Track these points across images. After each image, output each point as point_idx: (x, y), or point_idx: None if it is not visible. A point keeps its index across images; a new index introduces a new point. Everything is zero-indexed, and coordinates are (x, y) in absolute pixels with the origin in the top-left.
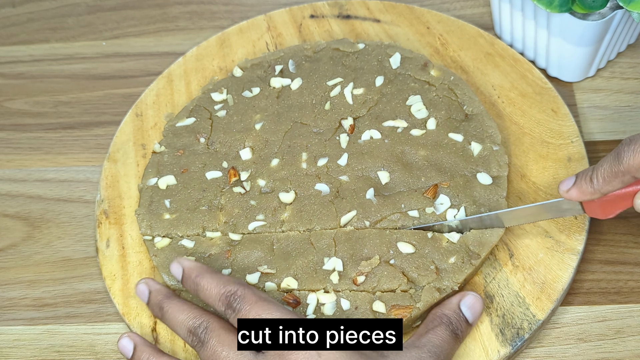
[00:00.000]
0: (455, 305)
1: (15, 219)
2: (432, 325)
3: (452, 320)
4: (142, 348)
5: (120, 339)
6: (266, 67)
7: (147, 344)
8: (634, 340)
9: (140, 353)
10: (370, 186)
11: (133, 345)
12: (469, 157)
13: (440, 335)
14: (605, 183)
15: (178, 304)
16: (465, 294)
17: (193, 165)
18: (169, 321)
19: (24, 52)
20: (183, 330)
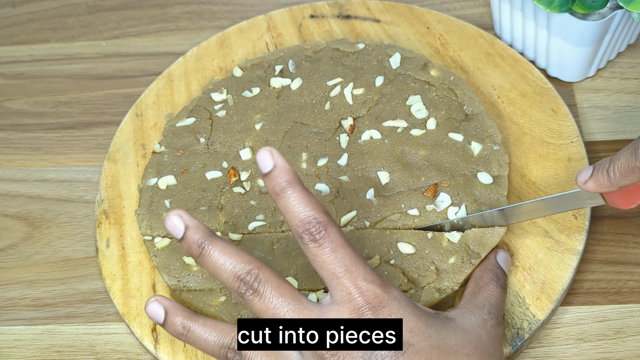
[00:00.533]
0: (495, 261)
1: (15, 219)
2: (483, 282)
3: (498, 275)
4: (175, 312)
5: (147, 304)
6: (266, 67)
7: (178, 306)
8: (634, 340)
9: (173, 317)
10: (370, 186)
11: (164, 310)
12: (469, 157)
13: (494, 293)
14: (622, 177)
15: (223, 244)
16: (497, 250)
17: (193, 165)
18: (210, 264)
19: (24, 52)
20: (228, 276)
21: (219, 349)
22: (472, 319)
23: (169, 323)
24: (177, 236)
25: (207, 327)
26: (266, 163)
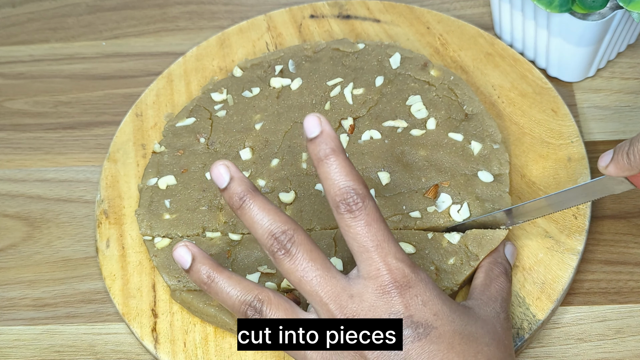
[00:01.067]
0: (503, 253)
1: (15, 219)
2: (494, 275)
3: (507, 269)
4: (202, 260)
5: (176, 248)
6: (266, 67)
7: (206, 256)
8: (634, 340)
9: (200, 265)
10: (370, 187)
11: (191, 256)
12: (469, 156)
13: (504, 287)
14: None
15: (263, 201)
16: (507, 243)
17: (193, 165)
18: (248, 217)
19: (24, 52)
20: (264, 231)
21: (239, 304)
22: (487, 311)
23: (194, 270)
24: (220, 185)
25: (231, 280)
26: (313, 128)
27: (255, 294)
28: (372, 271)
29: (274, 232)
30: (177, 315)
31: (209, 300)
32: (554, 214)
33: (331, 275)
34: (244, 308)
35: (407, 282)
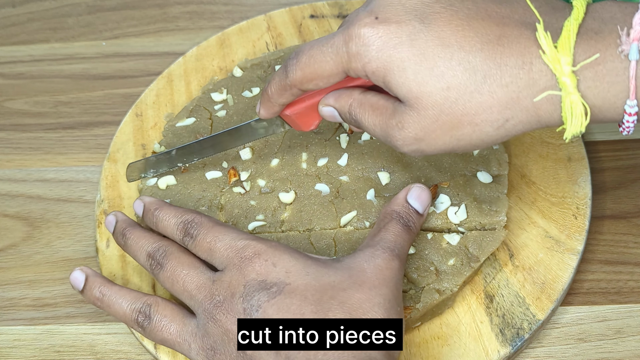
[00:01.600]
0: (402, 199)
1: (15, 219)
2: (383, 223)
3: (401, 214)
4: (94, 279)
5: (71, 273)
6: (266, 67)
7: (98, 275)
8: (634, 340)
9: (91, 283)
10: (370, 187)
11: (85, 277)
12: (468, 156)
13: (392, 231)
14: (278, 96)
15: (140, 232)
16: (410, 186)
17: (193, 165)
18: (130, 247)
19: (24, 52)
20: (143, 255)
21: (130, 312)
22: (358, 257)
23: (87, 288)
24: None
25: (121, 291)
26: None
27: (144, 300)
28: (224, 260)
29: (149, 251)
30: None
31: None
32: (554, 214)
33: (198, 272)
34: (134, 315)
35: (255, 252)
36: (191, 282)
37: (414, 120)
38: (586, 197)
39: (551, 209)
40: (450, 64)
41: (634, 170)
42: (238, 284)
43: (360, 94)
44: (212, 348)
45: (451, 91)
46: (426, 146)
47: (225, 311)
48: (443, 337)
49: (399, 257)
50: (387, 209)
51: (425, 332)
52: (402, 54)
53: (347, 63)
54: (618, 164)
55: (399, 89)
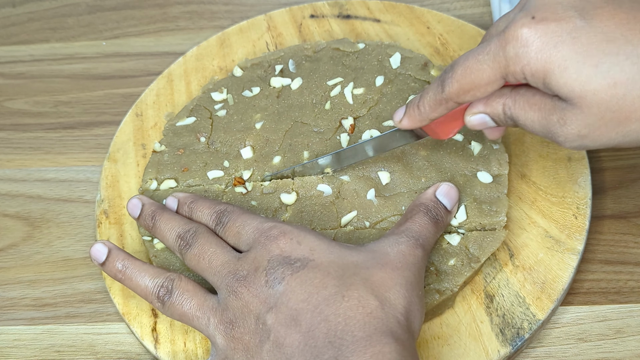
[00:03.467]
0: (431, 194)
1: (15, 219)
2: (411, 214)
3: (429, 207)
4: (116, 253)
5: (93, 246)
6: (266, 66)
7: (120, 249)
8: (634, 340)
9: (114, 257)
10: (371, 187)
11: (107, 250)
12: (469, 156)
13: (419, 222)
14: (431, 110)
15: (170, 214)
16: (439, 184)
17: (194, 164)
18: (159, 229)
19: (24, 52)
20: (172, 236)
21: (152, 286)
22: (382, 242)
23: (109, 261)
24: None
25: (144, 266)
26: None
27: (166, 275)
28: (250, 241)
29: (179, 232)
30: None
31: None
32: (555, 214)
33: (225, 251)
34: (156, 289)
35: (280, 231)
36: (217, 259)
37: (577, 118)
38: (586, 197)
39: (551, 209)
40: (617, 59)
41: (634, 170)
42: (262, 259)
43: (512, 92)
44: (230, 322)
45: (618, 87)
46: (590, 142)
47: (248, 284)
48: (443, 337)
49: (423, 247)
50: (415, 202)
51: (425, 332)
52: (563, 53)
53: (505, 68)
54: (618, 164)
55: (560, 89)
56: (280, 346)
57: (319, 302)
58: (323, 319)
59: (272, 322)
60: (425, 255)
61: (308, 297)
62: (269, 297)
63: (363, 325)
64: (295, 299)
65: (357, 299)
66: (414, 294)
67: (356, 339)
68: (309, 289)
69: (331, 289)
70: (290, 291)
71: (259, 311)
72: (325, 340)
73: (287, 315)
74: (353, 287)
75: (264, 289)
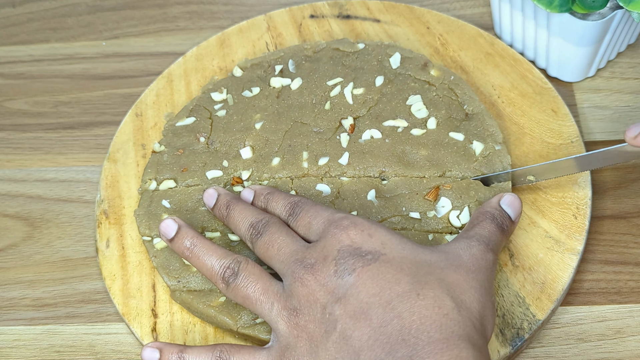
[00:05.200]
0: (496, 203)
1: (15, 219)
2: (477, 221)
3: (495, 215)
4: (186, 229)
5: (163, 220)
6: (266, 67)
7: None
8: (634, 340)
9: (183, 233)
10: (371, 187)
11: (177, 226)
12: (470, 156)
13: (487, 228)
14: None
15: (245, 204)
16: (503, 194)
17: (193, 164)
18: (233, 218)
19: (24, 52)
20: (245, 224)
21: (219, 267)
22: (455, 245)
23: (178, 237)
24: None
25: (212, 246)
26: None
27: (234, 257)
28: (320, 231)
29: (252, 222)
30: (177, 315)
31: (209, 301)
32: (554, 214)
33: (295, 240)
34: (222, 270)
35: (351, 222)
36: (286, 247)
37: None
38: (586, 197)
39: (551, 209)
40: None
41: (634, 170)
42: (332, 248)
43: None
44: (295, 309)
45: None
46: None
47: (315, 272)
48: None
49: (493, 252)
50: (480, 209)
51: None
52: None
53: None
54: (618, 164)
55: None
56: (348, 338)
57: (392, 298)
58: (396, 315)
59: (340, 312)
60: (495, 260)
61: (380, 291)
62: (338, 287)
63: (439, 326)
64: (367, 292)
65: (432, 298)
66: (488, 299)
67: (432, 340)
68: (381, 283)
69: (405, 285)
70: (361, 283)
71: (326, 300)
72: (399, 337)
73: (356, 307)
74: (428, 285)
75: (332, 278)
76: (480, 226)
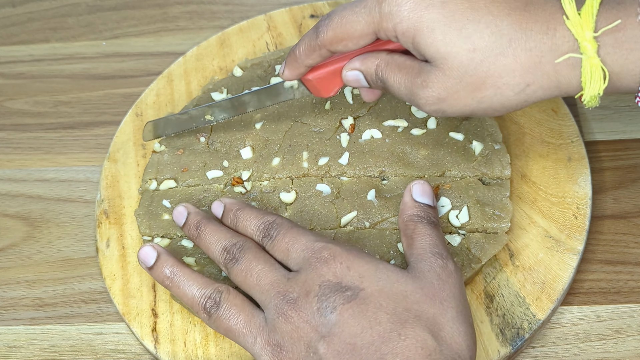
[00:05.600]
0: (411, 201)
1: (15, 219)
2: (409, 231)
3: (420, 215)
4: (165, 258)
5: (142, 247)
6: (266, 66)
7: (170, 254)
8: (634, 340)
9: (163, 262)
10: (371, 187)
11: (156, 254)
12: (470, 156)
13: (425, 234)
14: (306, 56)
15: (216, 225)
16: (410, 186)
17: (193, 164)
18: (204, 240)
19: (24, 52)
20: (218, 248)
21: (199, 297)
22: (422, 265)
23: (158, 266)
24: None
25: (193, 275)
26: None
27: (215, 287)
28: (300, 261)
29: (225, 245)
30: (177, 315)
31: None
32: (555, 214)
33: (273, 269)
34: (203, 300)
35: (330, 254)
36: (265, 277)
37: (438, 80)
38: (586, 197)
39: (551, 209)
40: (477, 26)
41: (634, 170)
42: (313, 284)
43: (387, 55)
44: (278, 345)
45: (477, 53)
46: (447, 106)
47: (298, 309)
48: None
49: (448, 258)
50: (403, 216)
51: None
52: (432, 15)
53: (378, 23)
54: (618, 164)
55: (427, 49)
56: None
57: (374, 339)
58: (380, 357)
59: (324, 351)
60: (456, 265)
61: (362, 331)
62: (321, 325)
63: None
64: (349, 332)
65: (414, 338)
66: (467, 324)
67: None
68: (363, 322)
69: (385, 324)
70: (344, 322)
71: (310, 338)
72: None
73: (340, 347)
74: (408, 324)
75: (315, 316)
76: (418, 237)
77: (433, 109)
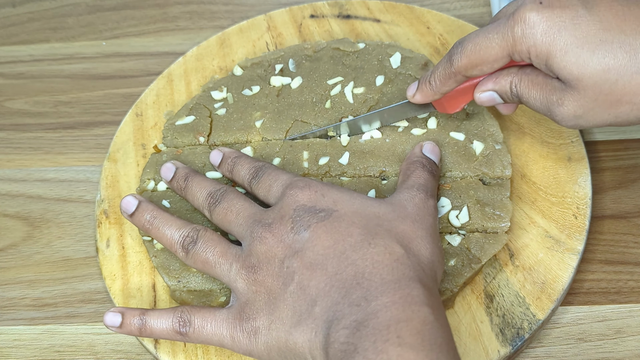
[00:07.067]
0: (419, 152)
1: (15, 219)
2: (410, 171)
3: (424, 162)
4: (146, 204)
5: (123, 198)
6: (266, 66)
7: (150, 202)
8: (634, 340)
9: (143, 208)
10: (371, 187)
11: (137, 202)
12: (471, 156)
13: (422, 176)
14: (442, 84)
15: (202, 177)
16: (422, 143)
17: (193, 164)
18: (190, 189)
19: (24, 52)
20: (203, 194)
21: (179, 236)
22: (399, 196)
23: (139, 211)
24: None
25: (172, 217)
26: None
27: (193, 226)
28: (279, 195)
29: (210, 191)
30: None
31: (209, 300)
32: (555, 214)
33: (252, 205)
34: (181, 239)
35: (305, 184)
36: (244, 210)
37: (574, 99)
38: (586, 197)
39: (551, 209)
40: (611, 46)
41: (634, 170)
42: (289, 208)
43: (519, 71)
44: (253, 267)
45: (611, 72)
46: (584, 122)
47: (273, 230)
48: None
49: (432, 197)
50: (408, 160)
51: None
52: (565, 38)
53: (512, 47)
54: (618, 164)
55: (560, 71)
56: (305, 288)
57: (346, 249)
58: (350, 263)
59: (298, 265)
60: (435, 205)
61: (334, 243)
62: (295, 242)
63: (391, 269)
64: (322, 245)
65: (383, 246)
66: (435, 245)
67: (385, 281)
68: (335, 236)
69: (357, 237)
70: (316, 237)
71: (284, 255)
72: (353, 281)
73: (312, 259)
74: (378, 235)
75: (289, 234)
76: (415, 175)
77: (570, 124)
